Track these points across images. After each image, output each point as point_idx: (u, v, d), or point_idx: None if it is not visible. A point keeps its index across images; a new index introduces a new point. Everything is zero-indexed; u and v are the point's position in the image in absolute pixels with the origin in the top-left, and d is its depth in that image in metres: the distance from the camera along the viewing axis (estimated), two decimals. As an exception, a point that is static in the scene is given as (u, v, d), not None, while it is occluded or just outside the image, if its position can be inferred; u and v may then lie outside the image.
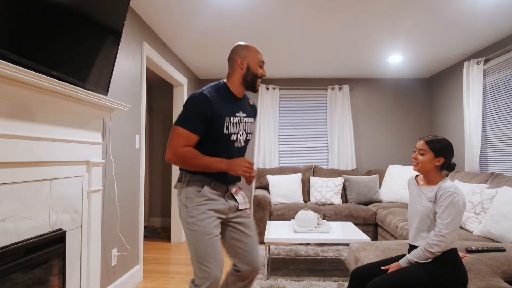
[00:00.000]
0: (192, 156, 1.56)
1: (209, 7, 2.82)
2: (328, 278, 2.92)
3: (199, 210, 1.59)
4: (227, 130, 1.62)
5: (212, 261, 1.55)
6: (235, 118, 1.67)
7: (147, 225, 5.30)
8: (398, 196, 4.33)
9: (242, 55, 1.67)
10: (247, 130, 1.75)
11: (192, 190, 1.62)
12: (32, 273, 1.67)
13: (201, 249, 1.56)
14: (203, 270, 1.54)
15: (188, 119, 1.57)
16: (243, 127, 1.71)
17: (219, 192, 1.66)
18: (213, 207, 1.62)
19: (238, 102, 1.72)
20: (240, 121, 1.69)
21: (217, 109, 1.59)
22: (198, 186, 1.62)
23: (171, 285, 2.89)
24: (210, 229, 1.58)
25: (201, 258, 1.56)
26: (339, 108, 5.03)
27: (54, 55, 1.65)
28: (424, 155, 1.69)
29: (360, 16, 2.97)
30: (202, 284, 1.54)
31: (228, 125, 1.63)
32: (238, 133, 1.68)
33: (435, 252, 1.58)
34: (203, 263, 1.55)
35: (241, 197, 1.75)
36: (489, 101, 3.73)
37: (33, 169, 1.61)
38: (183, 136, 1.56)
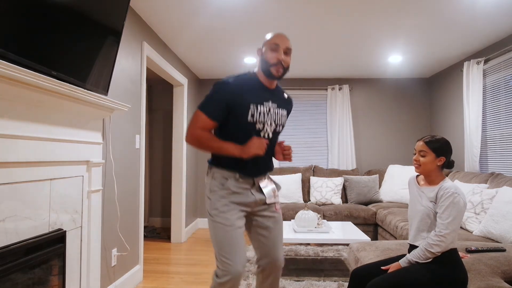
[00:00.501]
0: (206, 138, 1.56)
1: (209, 7, 2.82)
2: (328, 278, 2.92)
3: (222, 202, 1.59)
4: (252, 118, 1.58)
5: (233, 253, 1.53)
6: (263, 107, 1.61)
7: (147, 225, 5.30)
8: (398, 196, 4.33)
9: (261, 45, 1.66)
10: (277, 122, 1.68)
11: (216, 183, 1.62)
12: (32, 273, 1.67)
13: (222, 241, 1.54)
14: (224, 262, 1.52)
15: (208, 104, 1.57)
16: (272, 117, 1.64)
17: (245, 185, 1.63)
18: (236, 199, 1.61)
19: (269, 92, 1.67)
20: (269, 111, 1.63)
21: (241, 96, 1.56)
22: (223, 179, 1.61)
23: (171, 285, 2.89)
24: (232, 221, 1.57)
25: (222, 251, 1.54)
26: (339, 108, 5.03)
27: (54, 55, 1.65)
28: (426, 157, 1.68)
29: (360, 16, 2.97)
30: (223, 276, 1.52)
31: (254, 113, 1.58)
32: (265, 123, 1.62)
33: (435, 252, 1.58)
34: (224, 255, 1.53)
35: (270, 190, 1.70)
36: (489, 101, 3.73)
37: (33, 169, 1.61)
38: (201, 120, 1.56)
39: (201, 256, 3.73)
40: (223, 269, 1.53)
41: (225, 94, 1.56)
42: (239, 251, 1.54)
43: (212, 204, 1.61)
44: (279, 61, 1.59)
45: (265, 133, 1.64)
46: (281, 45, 1.59)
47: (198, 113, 1.58)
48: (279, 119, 1.69)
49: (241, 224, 1.61)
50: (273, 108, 1.65)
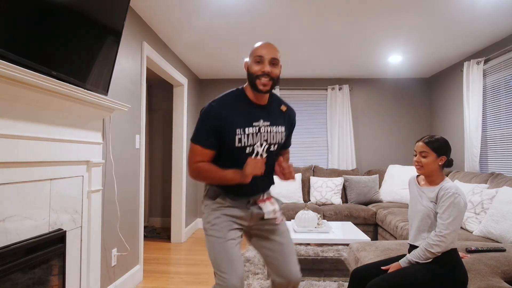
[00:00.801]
0: (205, 170, 1.51)
1: (209, 7, 2.82)
2: (328, 278, 2.92)
3: (214, 215, 1.55)
4: (239, 143, 1.49)
5: (227, 267, 1.46)
6: (252, 128, 1.51)
7: (147, 225, 5.30)
8: (398, 196, 4.33)
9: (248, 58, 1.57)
10: (269, 140, 1.56)
11: (209, 198, 1.60)
12: (32, 273, 1.67)
13: (216, 254, 1.49)
14: (220, 277, 1.46)
15: (199, 134, 1.51)
16: (263, 137, 1.54)
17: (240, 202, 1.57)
18: (229, 212, 1.55)
19: (260, 110, 1.56)
20: (258, 131, 1.52)
21: (227, 120, 1.48)
22: (215, 195, 1.58)
23: (171, 285, 2.89)
24: (225, 233, 1.51)
25: (217, 265, 1.49)
26: (339, 108, 5.03)
27: (54, 55, 1.65)
28: (427, 157, 1.67)
29: (360, 16, 2.97)
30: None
31: (241, 137, 1.49)
32: (254, 145, 1.52)
33: (435, 252, 1.58)
34: (219, 269, 1.47)
35: (269, 205, 1.61)
36: (489, 101, 3.73)
37: (33, 169, 1.61)
38: (197, 152, 1.51)
39: (201, 256, 3.73)
40: (219, 283, 1.47)
41: (212, 121, 1.48)
42: (233, 264, 1.47)
43: (205, 218, 1.58)
44: (264, 73, 1.47)
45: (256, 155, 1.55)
46: (265, 56, 1.47)
47: (192, 146, 1.52)
48: (272, 137, 1.57)
49: (233, 236, 1.53)
50: (264, 127, 1.54)
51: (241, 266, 1.50)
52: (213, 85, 5.32)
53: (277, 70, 1.51)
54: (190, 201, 4.82)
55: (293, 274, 1.58)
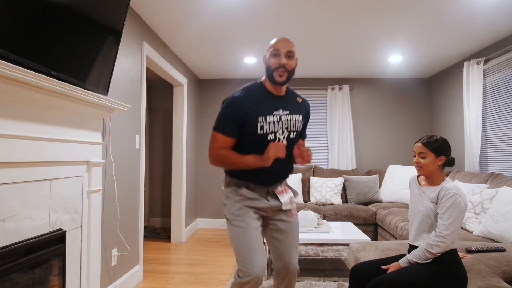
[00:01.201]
0: (226, 156, 1.59)
1: (209, 7, 2.82)
2: (328, 278, 2.92)
3: (236, 206, 1.64)
4: (261, 130, 1.59)
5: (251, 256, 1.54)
6: (273, 117, 1.61)
7: (147, 225, 5.30)
8: (398, 196, 4.33)
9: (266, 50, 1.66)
10: (290, 128, 1.67)
11: (230, 190, 1.68)
12: (32, 273, 1.67)
13: (240, 244, 1.57)
14: (244, 265, 1.54)
15: (221, 123, 1.60)
16: (284, 125, 1.64)
17: (259, 192, 1.66)
18: (251, 204, 1.64)
19: (278, 100, 1.66)
20: (279, 119, 1.63)
21: (249, 109, 1.58)
22: (237, 187, 1.66)
23: (171, 285, 2.89)
24: (248, 223, 1.60)
25: (241, 253, 1.56)
26: (339, 108, 5.03)
27: (54, 55, 1.65)
28: (426, 158, 1.68)
29: (360, 16, 2.97)
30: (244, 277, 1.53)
31: (263, 124, 1.59)
32: (276, 132, 1.63)
33: (435, 252, 1.58)
34: (244, 258, 1.55)
35: (286, 197, 1.71)
36: (489, 101, 3.72)
37: (33, 169, 1.61)
38: (219, 140, 1.60)
39: (201, 256, 3.73)
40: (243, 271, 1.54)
41: (235, 110, 1.58)
42: (257, 253, 1.55)
43: (228, 209, 1.66)
44: (280, 65, 1.57)
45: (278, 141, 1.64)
46: (281, 50, 1.58)
47: (214, 134, 1.61)
48: (292, 125, 1.67)
49: (256, 225, 1.63)
50: (284, 115, 1.65)
51: (263, 256, 1.58)
52: (213, 85, 5.32)
53: (293, 63, 1.61)
54: (190, 201, 4.82)
55: (293, 263, 1.71)
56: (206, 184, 5.28)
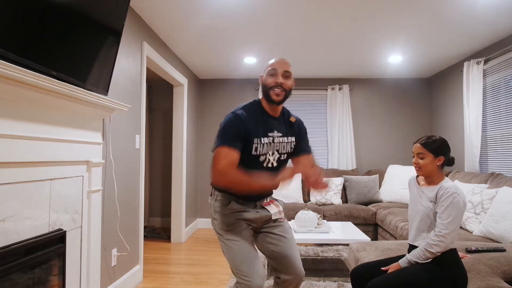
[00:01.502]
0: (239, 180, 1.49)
1: (209, 7, 2.82)
2: (328, 278, 2.92)
3: (228, 220, 1.62)
4: (255, 151, 1.59)
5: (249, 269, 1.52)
6: (267, 139, 1.61)
7: (147, 225, 5.30)
8: (398, 196, 4.33)
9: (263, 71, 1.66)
10: (281, 150, 1.67)
11: (219, 204, 1.65)
12: (32, 273, 1.67)
13: (236, 258, 1.56)
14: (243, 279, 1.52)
15: (227, 137, 1.53)
16: (275, 147, 1.64)
17: (248, 206, 1.66)
18: (241, 217, 1.63)
19: (274, 121, 1.66)
20: (272, 141, 1.63)
21: (249, 129, 1.56)
22: (226, 202, 1.64)
23: (171, 285, 2.89)
24: (241, 235, 1.60)
25: (238, 268, 1.54)
26: (339, 108, 5.03)
27: (54, 55, 1.65)
28: (425, 158, 1.68)
29: (360, 16, 2.97)
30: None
31: (257, 146, 1.59)
32: (267, 154, 1.62)
33: (435, 252, 1.58)
34: (242, 273, 1.52)
35: (274, 207, 1.71)
36: (489, 101, 3.73)
37: (33, 169, 1.61)
38: (225, 154, 1.50)
39: (201, 256, 3.73)
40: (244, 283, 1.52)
41: (239, 125, 1.55)
42: (254, 263, 1.54)
43: (219, 224, 1.64)
44: (277, 84, 1.57)
45: (268, 163, 1.64)
46: (278, 69, 1.58)
47: (219, 151, 1.51)
48: (283, 147, 1.67)
49: (249, 235, 1.63)
50: (277, 137, 1.65)
51: (260, 265, 1.57)
52: (213, 85, 5.32)
53: (289, 83, 1.62)
54: (190, 201, 4.82)
55: (299, 269, 1.67)
56: (206, 184, 5.28)
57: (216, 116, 5.31)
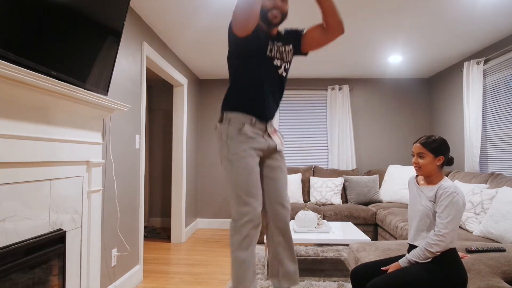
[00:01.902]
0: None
1: (209, 7, 2.82)
2: (328, 278, 2.92)
3: (241, 147, 1.66)
4: (270, 52, 1.64)
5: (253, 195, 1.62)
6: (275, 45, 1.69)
7: (147, 225, 5.30)
8: (398, 196, 4.33)
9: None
10: (287, 59, 1.76)
11: (233, 129, 1.69)
12: (32, 273, 1.67)
13: (243, 184, 1.63)
14: (244, 203, 1.61)
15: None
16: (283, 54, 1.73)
17: (259, 130, 1.73)
18: (254, 145, 1.69)
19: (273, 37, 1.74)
20: (279, 49, 1.71)
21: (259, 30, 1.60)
22: (240, 125, 1.68)
23: (171, 285, 2.89)
24: (252, 165, 1.66)
25: (242, 193, 1.63)
26: (339, 108, 5.03)
27: (54, 55, 1.65)
28: (424, 158, 1.68)
29: (360, 16, 2.97)
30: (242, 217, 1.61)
31: (272, 48, 1.65)
32: (282, 59, 1.70)
33: (435, 251, 1.58)
34: (244, 197, 1.62)
35: (277, 138, 1.81)
36: (489, 101, 3.73)
37: (33, 169, 1.61)
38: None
39: (201, 256, 3.73)
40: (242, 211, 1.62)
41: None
42: (258, 193, 1.65)
43: (231, 149, 1.67)
44: (276, 7, 1.62)
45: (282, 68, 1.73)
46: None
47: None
48: (287, 55, 1.76)
49: (258, 169, 1.70)
50: (281, 46, 1.72)
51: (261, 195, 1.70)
52: (213, 85, 5.32)
53: (287, 6, 1.68)
54: (190, 201, 4.82)
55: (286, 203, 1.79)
56: (206, 184, 5.28)
57: (216, 116, 5.31)
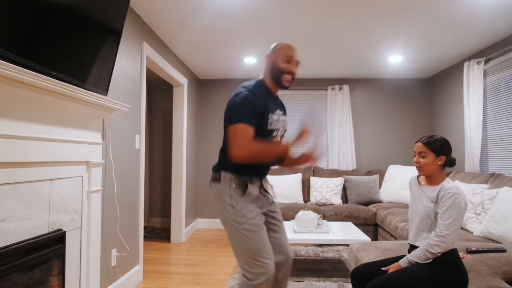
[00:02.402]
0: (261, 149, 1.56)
1: (209, 7, 2.81)
2: (328, 278, 2.92)
3: (248, 208, 1.63)
4: (270, 126, 1.67)
5: (267, 255, 1.60)
6: (275, 115, 1.71)
7: (147, 225, 5.30)
8: (398, 196, 4.32)
9: (270, 50, 1.72)
10: (284, 128, 1.81)
11: (237, 190, 1.65)
12: (32, 273, 1.67)
13: (256, 245, 1.59)
14: (260, 265, 1.58)
15: (245, 114, 1.56)
16: (281, 124, 1.76)
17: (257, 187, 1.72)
18: (258, 203, 1.70)
19: (275, 100, 1.77)
20: (278, 119, 1.73)
21: (264, 104, 1.63)
22: (243, 185, 1.65)
23: (171, 285, 2.89)
24: (261, 224, 1.64)
25: (256, 255, 1.59)
26: (339, 108, 5.03)
27: (54, 55, 1.65)
28: (426, 157, 1.68)
29: (360, 16, 2.97)
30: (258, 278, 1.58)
31: (271, 121, 1.67)
32: (278, 129, 1.74)
33: (436, 252, 1.57)
34: (259, 259, 1.59)
35: (270, 189, 1.83)
36: (489, 101, 3.72)
37: (33, 169, 1.61)
38: (245, 131, 1.56)
39: (201, 257, 3.73)
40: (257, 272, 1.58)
41: (255, 102, 1.59)
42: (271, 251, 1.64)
43: (238, 212, 1.62)
44: (291, 72, 1.69)
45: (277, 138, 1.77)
46: (294, 58, 1.69)
47: (239, 127, 1.55)
48: (285, 124, 1.81)
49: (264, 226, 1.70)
50: (280, 115, 1.76)
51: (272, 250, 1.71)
52: (213, 85, 5.32)
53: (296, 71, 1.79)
54: (190, 202, 4.82)
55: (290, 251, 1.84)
56: (206, 184, 5.27)
57: (216, 116, 5.30)
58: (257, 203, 1.69)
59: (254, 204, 1.67)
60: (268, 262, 1.59)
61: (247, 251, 1.59)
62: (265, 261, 1.58)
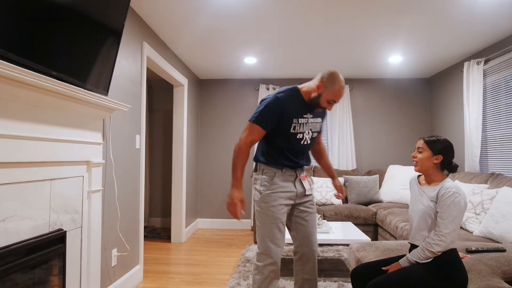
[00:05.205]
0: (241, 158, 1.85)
1: (209, 7, 2.82)
2: (328, 278, 2.92)
3: (272, 197, 1.87)
4: (293, 129, 1.88)
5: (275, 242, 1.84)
6: (303, 120, 1.91)
7: (147, 225, 5.30)
8: (398, 196, 4.32)
9: (325, 83, 1.84)
10: (313, 129, 1.98)
11: (266, 178, 1.90)
12: (32, 273, 1.67)
13: (269, 232, 1.85)
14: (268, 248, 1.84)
15: (262, 117, 1.84)
16: (309, 127, 1.94)
17: (289, 178, 1.92)
18: (283, 194, 1.88)
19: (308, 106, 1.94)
20: (307, 122, 1.93)
21: (288, 111, 1.85)
22: (271, 174, 1.89)
23: (171, 285, 2.89)
24: (279, 215, 1.86)
25: (267, 239, 1.85)
26: (339, 108, 5.03)
27: (54, 55, 1.65)
28: (422, 153, 1.71)
29: (361, 16, 2.97)
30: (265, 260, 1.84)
31: (295, 125, 1.88)
32: (304, 132, 1.92)
33: (436, 251, 1.58)
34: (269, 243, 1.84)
35: (307, 183, 1.98)
36: (489, 102, 3.72)
37: (33, 169, 1.61)
38: (255, 132, 1.86)
39: (201, 256, 3.73)
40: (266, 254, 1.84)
41: (278, 108, 1.84)
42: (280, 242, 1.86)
43: (263, 198, 1.88)
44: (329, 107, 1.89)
45: (305, 140, 1.95)
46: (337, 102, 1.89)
47: (253, 126, 1.85)
48: (314, 127, 1.98)
49: (284, 219, 1.89)
50: (310, 119, 1.95)
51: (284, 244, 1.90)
52: (213, 85, 5.32)
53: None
54: (190, 201, 4.82)
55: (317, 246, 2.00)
56: (206, 184, 5.28)
57: (216, 116, 5.31)
58: (283, 192, 1.87)
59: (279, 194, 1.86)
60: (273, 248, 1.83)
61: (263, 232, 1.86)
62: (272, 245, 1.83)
